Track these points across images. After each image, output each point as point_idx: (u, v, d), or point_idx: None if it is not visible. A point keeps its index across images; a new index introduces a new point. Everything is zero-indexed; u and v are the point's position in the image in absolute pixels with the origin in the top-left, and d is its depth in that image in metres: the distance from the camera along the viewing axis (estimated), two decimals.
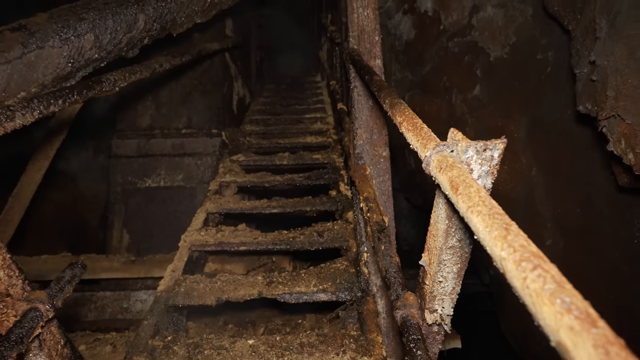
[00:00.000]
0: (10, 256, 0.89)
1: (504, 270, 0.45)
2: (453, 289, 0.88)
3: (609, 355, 0.31)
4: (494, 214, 0.50)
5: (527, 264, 0.42)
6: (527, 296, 0.40)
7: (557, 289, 0.38)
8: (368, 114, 1.79)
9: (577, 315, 0.35)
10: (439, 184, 0.67)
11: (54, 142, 2.14)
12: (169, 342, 1.42)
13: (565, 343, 0.34)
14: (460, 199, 0.57)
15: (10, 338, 0.84)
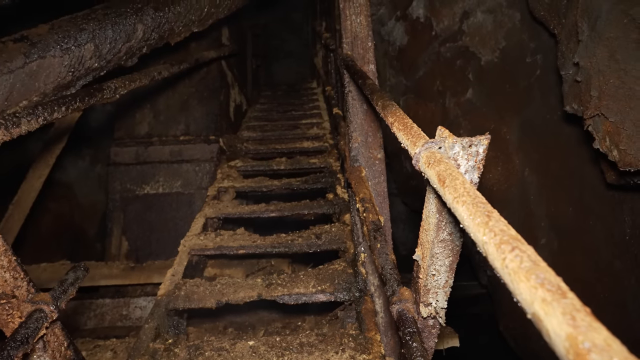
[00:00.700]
0: (16, 258, 0.92)
1: (486, 253, 0.48)
2: (446, 282, 0.91)
3: (575, 321, 0.34)
4: (477, 202, 0.54)
5: (506, 246, 0.45)
6: (507, 275, 0.43)
7: (533, 267, 0.41)
8: (362, 117, 1.83)
9: (549, 288, 0.38)
10: (428, 178, 0.71)
11: (53, 151, 2.16)
12: (170, 345, 1.44)
13: (539, 313, 0.37)
14: (447, 191, 0.60)
15: (16, 338, 0.86)
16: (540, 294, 0.38)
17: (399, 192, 4.93)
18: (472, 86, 3.04)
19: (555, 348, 0.35)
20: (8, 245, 0.90)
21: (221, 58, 3.27)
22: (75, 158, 4.32)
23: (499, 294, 3.28)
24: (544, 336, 0.37)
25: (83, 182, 4.49)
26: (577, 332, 0.33)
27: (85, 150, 4.42)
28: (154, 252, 2.80)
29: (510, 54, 2.64)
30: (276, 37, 7.62)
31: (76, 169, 4.45)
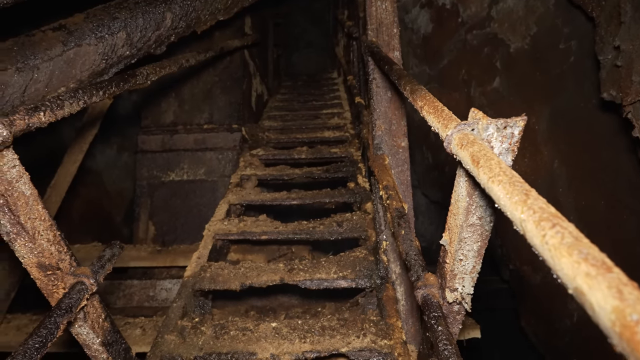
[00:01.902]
0: (60, 233, 0.97)
1: (524, 231, 0.48)
2: (473, 268, 0.90)
3: (622, 294, 0.34)
4: (515, 182, 0.53)
5: (546, 222, 0.45)
6: (547, 251, 0.43)
7: (575, 242, 0.41)
8: (387, 105, 1.82)
9: (593, 263, 0.38)
10: (460, 160, 0.70)
11: (87, 137, 2.27)
12: (196, 323, 1.50)
13: (582, 287, 0.37)
14: (481, 171, 0.60)
15: (61, 307, 0.92)
16: (584, 269, 0.37)
17: (419, 183, 4.87)
18: (499, 75, 2.94)
19: (599, 322, 0.35)
20: (53, 220, 0.96)
21: (244, 47, 3.29)
22: (103, 146, 4.49)
23: (522, 289, 3.21)
24: (587, 310, 0.37)
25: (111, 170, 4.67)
26: (625, 304, 0.33)
27: (113, 139, 4.58)
28: (179, 237, 2.89)
29: (542, 41, 2.53)
30: (297, 27, 7.59)
31: (104, 157, 4.63)
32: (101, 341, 1.12)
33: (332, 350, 1.34)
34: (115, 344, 1.19)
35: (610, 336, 0.34)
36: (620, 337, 0.32)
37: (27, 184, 0.87)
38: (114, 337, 1.18)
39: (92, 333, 1.09)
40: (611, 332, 0.33)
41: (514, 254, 3.17)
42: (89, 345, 1.12)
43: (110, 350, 1.16)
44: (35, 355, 0.82)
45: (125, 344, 1.25)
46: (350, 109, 3.94)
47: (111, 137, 4.52)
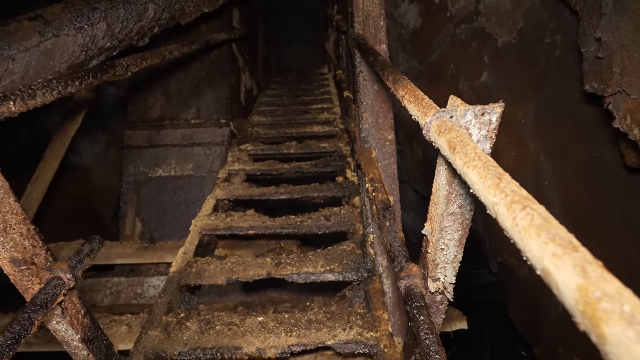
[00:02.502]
0: (34, 227, 0.95)
1: (496, 214, 0.47)
2: (455, 257, 0.90)
3: (586, 272, 0.33)
4: (489, 166, 0.53)
5: (517, 205, 0.44)
6: (517, 233, 0.42)
7: (544, 224, 0.40)
8: (374, 98, 1.81)
9: (560, 243, 0.37)
10: (438, 148, 0.69)
11: (69, 131, 2.21)
12: (182, 319, 1.48)
13: (549, 267, 0.37)
14: (457, 157, 0.59)
15: (36, 302, 0.89)
16: (551, 249, 0.37)
17: (409, 179, 4.89)
18: (487, 69, 2.96)
19: (564, 300, 0.35)
20: (26, 214, 0.93)
21: (232, 41, 3.25)
22: (91, 143, 4.41)
23: (510, 281, 3.25)
24: (553, 291, 0.36)
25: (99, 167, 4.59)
26: (588, 282, 0.33)
27: (100, 136, 4.50)
28: (167, 233, 2.86)
29: (529, 35, 2.55)
30: (288, 23, 7.53)
31: (92, 154, 4.55)
32: (81, 338, 1.10)
33: (318, 344, 1.34)
34: (97, 340, 1.17)
35: (575, 314, 0.33)
36: (583, 315, 0.32)
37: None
38: (94, 333, 1.16)
39: (71, 330, 1.07)
40: (575, 311, 0.33)
41: (501, 248, 3.20)
42: (69, 342, 1.10)
43: (91, 347, 1.14)
44: (7, 352, 0.79)
45: (107, 340, 1.23)
46: (340, 104, 3.93)
47: (98, 133, 4.44)
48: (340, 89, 3.61)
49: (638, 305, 0.30)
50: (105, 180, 4.54)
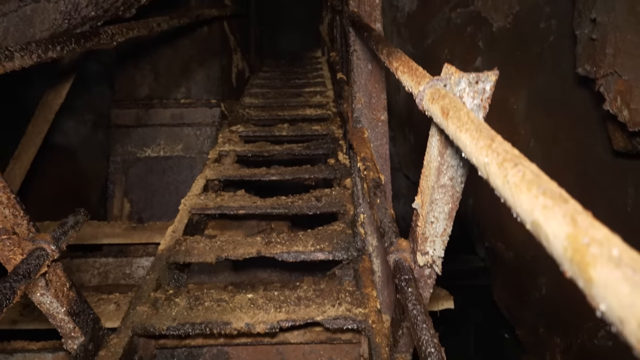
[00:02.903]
0: (15, 196, 0.92)
1: (487, 174, 0.47)
2: (444, 230, 0.90)
3: (575, 222, 0.33)
4: (481, 129, 0.52)
5: (508, 163, 0.44)
6: (508, 190, 0.42)
7: (535, 179, 0.40)
8: (367, 77, 1.78)
9: (551, 196, 0.37)
10: (431, 116, 0.68)
11: (52, 106, 2.14)
12: (170, 295, 1.47)
13: (539, 220, 0.36)
14: (450, 122, 0.58)
15: (18, 272, 0.87)
16: (542, 201, 0.37)
17: (401, 166, 4.91)
18: (481, 54, 2.94)
19: (553, 251, 0.35)
20: (5, 182, 0.90)
21: (223, 18, 3.16)
22: (77, 124, 4.29)
23: (496, 265, 3.32)
24: (542, 243, 0.36)
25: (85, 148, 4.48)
26: (577, 230, 0.32)
27: (87, 116, 4.38)
28: (156, 214, 2.83)
29: (524, 19, 2.53)
30: (281, 5, 7.35)
31: (78, 135, 4.43)
32: (66, 310, 1.08)
33: (307, 319, 1.35)
34: (83, 314, 1.15)
35: (563, 263, 0.33)
36: (571, 261, 0.32)
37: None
38: (80, 307, 1.14)
39: (55, 302, 1.05)
40: (563, 259, 0.33)
41: (489, 232, 3.26)
42: (54, 315, 1.08)
43: (77, 320, 1.12)
44: None
45: (93, 314, 1.22)
46: (333, 87, 3.89)
47: (84, 113, 4.32)
48: (333, 72, 3.56)
49: (626, 249, 0.30)
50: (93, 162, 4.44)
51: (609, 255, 0.29)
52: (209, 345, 1.48)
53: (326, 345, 1.50)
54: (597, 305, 0.30)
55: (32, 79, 2.52)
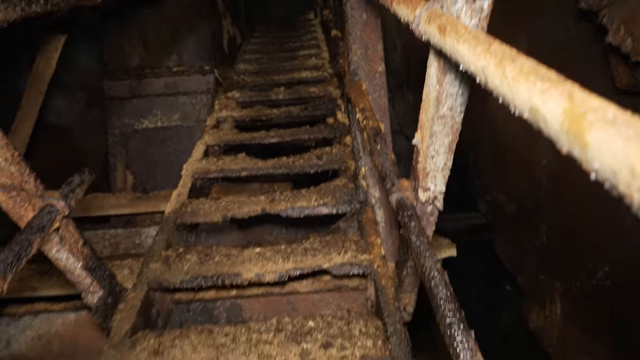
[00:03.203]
0: (19, 153, 0.93)
1: (486, 78, 0.47)
2: (445, 165, 0.92)
3: (572, 97, 0.34)
4: (479, 37, 0.51)
5: (507, 61, 0.44)
6: (506, 86, 0.42)
7: (533, 69, 0.40)
8: (362, 28, 1.73)
9: (548, 80, 0.37)
10: (429, 40, 0.67)
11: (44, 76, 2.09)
12: (181, 253, 1.52)
13: (537, 104, 0.37)
14: (447, 38, 0.58)
15: (32, 226, 0.90)
16: (539, 87, 0.37)
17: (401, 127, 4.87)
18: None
19: (550, 131, 0.36)
20: (8, 139, 0.90)
21: None
22: (70, 102, 4.22)
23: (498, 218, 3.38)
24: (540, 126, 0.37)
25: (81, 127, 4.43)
26: (574, 104, 0.33)
27: (79, 95, 4.30)
28: (159, 184, 2.85)
29: None
30: None
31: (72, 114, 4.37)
32: (83, 265, 1.12)
33: (314, 267, 1.40)
34: (99, 269, 1.20)
35: (559, 139, 0.34)
36: (568, 133, 0.33)
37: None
38: (95, 263, 1.18)
39: (71, 257, 1.09)
40: (560, 134, 0.34)
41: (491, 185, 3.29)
42: (71, 270, 1.12)
43: (94, 275, 1.17)
44: (9, 268, 0.81)
45: (109, 271, 1.26)
46: (328, 48, 3.78)
47: (77, 92, 4.24)
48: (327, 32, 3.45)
49: (620, 112, 0.30)
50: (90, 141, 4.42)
51: (605, 118, 0.30)
52: (222, 299, 1.55)
53: (334, 293, 1.56)
54: (591, 166, 0.31)
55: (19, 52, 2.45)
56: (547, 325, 2.86)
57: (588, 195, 2.36)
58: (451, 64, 0.70)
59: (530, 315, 3.09)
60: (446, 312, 0.71)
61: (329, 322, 1.26)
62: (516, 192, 3.02)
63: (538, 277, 2.98)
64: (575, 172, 2.53)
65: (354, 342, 1.16)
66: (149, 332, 1.24)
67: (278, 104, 2.81)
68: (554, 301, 2.84)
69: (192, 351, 1.16)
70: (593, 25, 1.58)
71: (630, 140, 0.28)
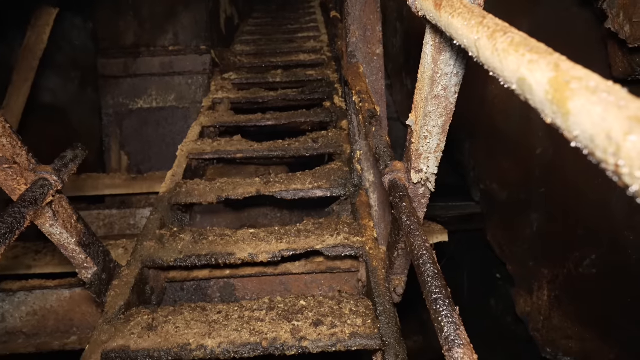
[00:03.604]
0: (10, 126, 0.92)
1: (478, 50, 0.47)
2: (438, 146, 0.92)
3: (558, 67, 0.34)
4: (473, 10, 0.51)
5: (499, 33, 0.44)
6: (496, 57, 0.43)
7: (523, 41, 0.40)
8: (361, 8, 1.70)
9: (537, 51, 0.38)
10: (424, 15, 0.67)
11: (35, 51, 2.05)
12: (175, 232, 1.53)
13: (524, 74, 0.37)
14: (442, 12, 0.57)
15: (25, 199, 0.90)
16: (528, 57, 0.38)
17: (399, 114, 4.85)
18: None
19: (535, 100, 0.36)
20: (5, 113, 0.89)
21: None
22: (64, 81, 4.15)
23: (490, 206, 3.42)
24: (526, 97, 0.37)
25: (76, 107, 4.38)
26: (559, 73, 0.33)
27: (73, 73, 4.23)
28: (154, 166, 2.84)
29: None
30: None
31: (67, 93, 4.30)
32: (77, 241, 1.13)
33: (307, 248, 1.41)
34: (93, 245, 1.21)
35: (543, 108, 0.35)
36: (552, 102, 0.33)
37: None
38: (90, 239, 1.19)
39: (65, 233, 1.09)
40: (545, 104, 0.34)
41: (485, 174, 3.32)
42: (65, 246, 1.13)
43: (88, 251, 1.18)
44: (3, 240, 0.81)
45: (103, 247, 1.27)
46: (327, 31, 3.72)
47: (70, 70, 4.17)
48: (327, 14, 3.39)
49: (602, 81, 0.31)
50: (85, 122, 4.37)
51: (587, 86, 0.31)
52: (216, 278, 1.57)
53: (326, 274, 1.59)
54: (572, 134, 0.31)
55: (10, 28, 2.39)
56: (534, 311, 2.94)
57: (579, 185, 2.39)
58: (446, 41, 0.70)
59: (518, 301, 3.16)
60: (433, 288, 0.73)
61: (320, 301, 1.29)
62: (509, 181, 3.05)
63: (527, 265, 3.04)
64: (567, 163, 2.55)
65: (344, 320, 1.19)
66: (143, 309, 1.26)
67: (275, 87, 2.79)
68: (542, 288, 2.91)
69: (185, 327, 1.18)
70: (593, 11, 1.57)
71: (609, 106, 0.28)
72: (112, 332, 1.15)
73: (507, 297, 4.13)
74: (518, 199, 2.92)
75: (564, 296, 2.61)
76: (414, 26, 3.72)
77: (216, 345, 1.10)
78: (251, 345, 1.11)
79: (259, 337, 1.13)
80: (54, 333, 1.62)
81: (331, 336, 1.13)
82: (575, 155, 2.40)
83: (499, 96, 2.85)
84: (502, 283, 4.50)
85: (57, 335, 1.60)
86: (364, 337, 1.12)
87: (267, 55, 3.32)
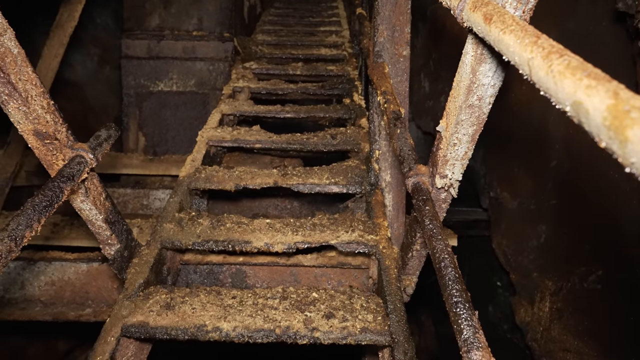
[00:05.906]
0: (54, 103, 0.95)
1: (530, 69, 0.49)
2: (465, 154, 0.94)
3: (618, 95, 0.36)
4: (527, 29, 0.53)
5: (554, 55, 0.45)
6: (551, 79, 0.44)
7: (580, 65, 0.42)
8: (392, 8, 1.71)
9: (595, 77, 0.39)
10: (470, 27, 0.68)
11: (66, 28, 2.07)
12: (194, 217, 1.57)
13: (581, 98, 0.39)
14: (493, 27, 0.59)
15: (63, 174, 0.93)
16: (585, 82, 0.39)
17: (413, 116, 4.84)
18: None
19: (590, 124, 0.38)
20: (45, 88, 0.93)
21: None
22: (83, 57, 4.20)
23: (498, 214, 3.42)
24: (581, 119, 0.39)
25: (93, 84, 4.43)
26: (618, 101, 0.35)
27: (92, 50, 4.27)
28: (170, 149, 2.88)
29: None
30: None
31: (85, 70, 4.35)
32: (104, 218, 1.17)
33: (322, 242, 1.44)
34: (117, 223, 1.25)
35: (599, 133, 0.37)
36: (609, 128, 0.35)
37: (13, 40, 0.82)
38: (115, 216, 1.23)
39: (94, 209, 1.13)
40: (601, 129, 0.36)
41: (496, 182, 3.32)
42: (93, 222, 1.17)
43: (113, 228, 1.22)
44: (43, 212, 0.85)
45: (126, 225, 1.31)
46: (349, 27, 3.71)
47: (90, 47, 4.20)
48: (350, 10, 3.38)
49: None
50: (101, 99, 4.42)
51: None
52: (229, 264, 1.61)
53: (337, 269, 1.62)
54: (629, 160, 0.33)
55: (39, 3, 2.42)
56: (534, 321, 2.96)
57: (592, 201, 2.39)
58: (490, 53, 0.71)
59: (518, 310, 3.18)
60: (453, 291, 0.75)
61: (332, 295, 1.32)
62: (521, 191, 3.05)
63: (531, 275, 3.05)
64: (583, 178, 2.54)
65: (355, 315, 1.22)
66: (161, 288, 1.30)
67: (295, 79, 2.80)
68: (544, 299, 2.92)
69: (201, 308, 1.22)
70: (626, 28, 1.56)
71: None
72: (132, 308, 1.19)
73: (506, 304, 4.15)
74: (528, 209, 2.93)
75: (566, 309, 2.63)
76: (437, 28, 3.69)
77: (231, 329, 1.14)
78: (265, 331, 1.15)
79: (272, 324, 1.16)
80: (70, 304, 1.68)
81: (342, 329, 1.16)
82: (591, 171, 2.40)
83: (517, 106, 2.84)
84: (501, 291, 4.52)
85: (72, 307, 1.66)
86: (374, 332, 1.15)
87: (288, 46, 3.33)
